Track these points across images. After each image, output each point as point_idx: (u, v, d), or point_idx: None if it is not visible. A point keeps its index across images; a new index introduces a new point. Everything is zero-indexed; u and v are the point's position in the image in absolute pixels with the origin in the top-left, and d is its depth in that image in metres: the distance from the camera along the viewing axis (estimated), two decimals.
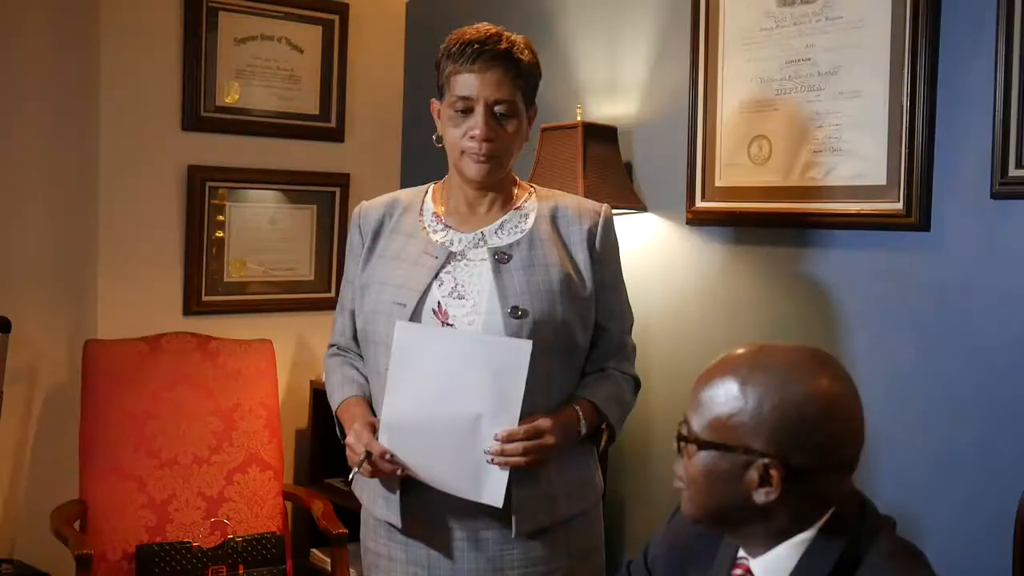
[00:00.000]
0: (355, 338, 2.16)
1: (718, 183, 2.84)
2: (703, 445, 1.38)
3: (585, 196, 2.51)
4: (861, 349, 2.50)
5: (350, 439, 1.98)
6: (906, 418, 2.40)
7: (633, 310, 2.22)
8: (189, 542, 3.08)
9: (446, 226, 2.09)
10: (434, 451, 1.93)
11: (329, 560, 3.19)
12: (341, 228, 3.78)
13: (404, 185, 3.90)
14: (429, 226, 2.10)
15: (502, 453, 1.90)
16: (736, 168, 2.79)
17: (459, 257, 2.04)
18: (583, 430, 2.03)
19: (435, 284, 2.01)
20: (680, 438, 1.41)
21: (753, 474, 1.34)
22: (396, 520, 2.02)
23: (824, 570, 1.33)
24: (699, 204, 2.88)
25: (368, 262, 2.11)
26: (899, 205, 2.43)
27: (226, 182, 3.56)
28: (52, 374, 3.41)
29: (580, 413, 2.03)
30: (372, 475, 1.98)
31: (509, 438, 1.90)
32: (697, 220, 2.90)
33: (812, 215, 2.61)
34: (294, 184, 3.71)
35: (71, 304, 3.42)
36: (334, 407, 2.12)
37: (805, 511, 1.36)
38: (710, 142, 2.85)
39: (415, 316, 1.98)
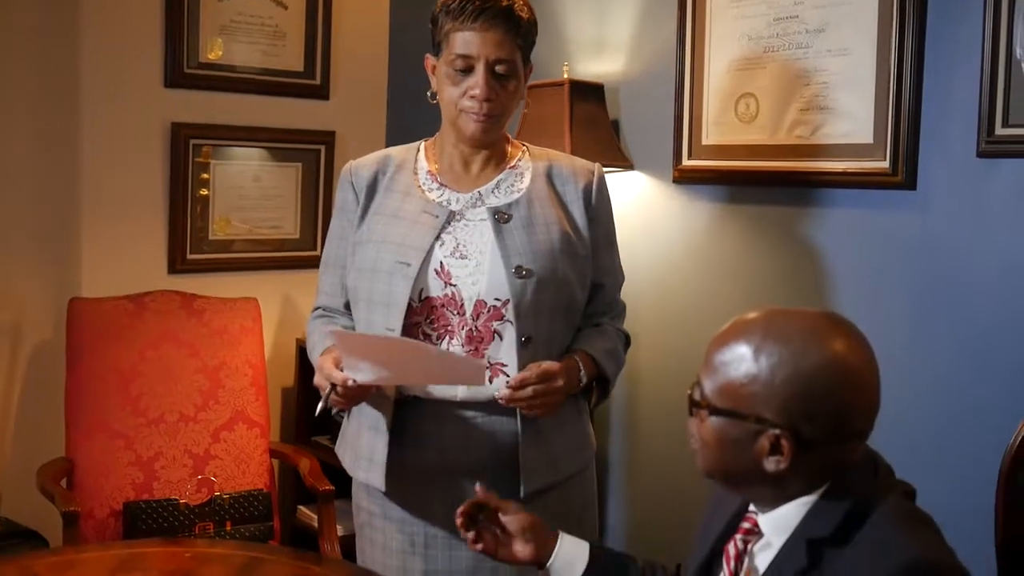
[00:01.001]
0: (344, 299, 2.13)
1: (705, 141, 2.83)
2: (715, 411, 1.38)
3: (572, 154, 2.51)
4: (846, 307, 2.51)
5: (316, 378, 1.97)
6: (891, 375, 2.41)
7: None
8: (176, 499, 3.08)
9: (442, 185, 2.07)
10: (403, 374, 1.94)
11: (316, 517, 3.21)
12: (327, 186, 3.76)
13: (390, 143, 3.88)
14: (424, 184, 2.08)
15: (512, 400, 1.91)
16: (723, 126, 2.79)
17: (458, 217, 2.03)
18: (583, 379, 2.04)
19: (436, 244, 1.99)
20: (692, 402, 1.42)
21: (764, 443, 1.35)
22: (379, 483, 2.01)
23: (828, 528, 1.34)
24: (686, 162, 2.88)
25: (363, 219, 2.08)
26: (885, 164, 2.43)
27: (210, 140, 3.53)
28: (37, 332, 3.40)
29: (580, 363, 2.03)
30: (345, 405, 1.97)
31: (521, 384, 1.90)
32: (684, 179, 2.90)
33: (799, 173, 2.61)
34: (279, 142, 3.69)
35: (55, 262, 3.40)
36: (315, 363, 2.09)
37: (815, 478, 1.37)
38: (697, 100, 2.84)
39: (420, 275, 1.97)
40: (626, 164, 3.02)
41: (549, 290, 1.99)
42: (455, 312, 1.98)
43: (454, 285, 1.98)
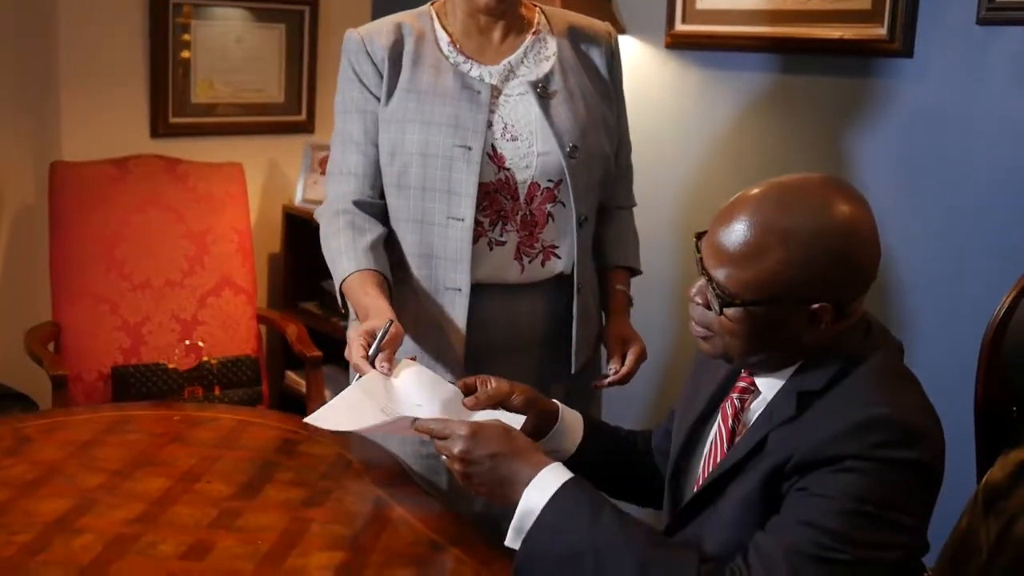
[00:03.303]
0: (376, 177, 1.95)
1: (699, 6, 2.77)
2: (749, 303, 1.35)
3: None
4: (841, 175, 2.48)
5: (349, 356, 1.73)
6: (885, 240, 2.42)
7: None
8: (164, 363, 3.10)
9: (468, 58, 1.94)
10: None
11: (304, 382, 3.24)
12: (311, 49, 3.67)
13: (376, 4, 3.78)
14: (450, 56, 1.94)
15: (611, 384, 1.98)
16: None
17: (496, 92, 1.92)
18: (632, 301, 2.10)
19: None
20: (722, 301, 1.36)
21: (802, 318, 1.35)
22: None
23: (819, 383, 1.36)
24: (679, 27, 2.82)
25: (392, 96, 1.93)
26: (883, 30, 2.38)
27: None
28: (19, 196, 3.36)
29: (627, 291, 2.09)
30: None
31: (626, 378, 1.97)
32: (677, 44, 2.84)
33: (794, 40, 2.56)
34: (261, 1, 3.58)
35: (35, 125, 3.34)
36: (337, 281, 1.90)
37: (836, 338, 1.38)
38: None
39: (483, 160, 1.87)
40: (618, 28, 2.94)
41: (598, 166, 1.97)
42: (508, 197, 1.91)
43: (507, 169, 1.90)
